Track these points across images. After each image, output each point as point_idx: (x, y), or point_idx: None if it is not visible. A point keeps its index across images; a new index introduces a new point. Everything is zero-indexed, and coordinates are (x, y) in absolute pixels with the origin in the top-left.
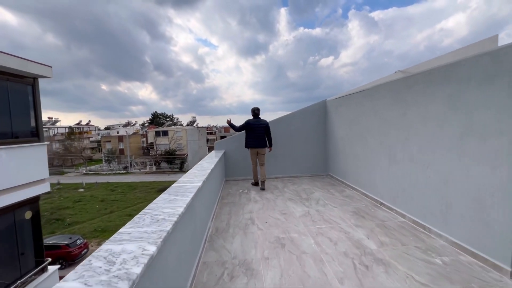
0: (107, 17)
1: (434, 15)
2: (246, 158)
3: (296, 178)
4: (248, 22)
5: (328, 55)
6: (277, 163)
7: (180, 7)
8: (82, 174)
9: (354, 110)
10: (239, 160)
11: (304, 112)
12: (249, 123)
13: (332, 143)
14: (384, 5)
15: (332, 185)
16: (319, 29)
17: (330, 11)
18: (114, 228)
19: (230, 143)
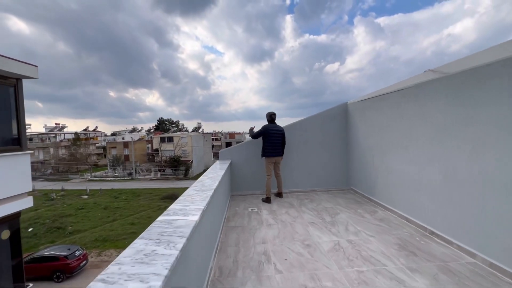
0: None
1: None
2: (255, 170)
3: (313, 193)
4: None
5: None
6: (291, 175)
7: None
8: (87, 181)
9: (388, 113)
10: (247, 172)
11: (322, 117)
12: (268, 129)
13: (355, 152)
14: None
15: (358, 203)
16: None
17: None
18: (115, 238)
19: (237, 152)
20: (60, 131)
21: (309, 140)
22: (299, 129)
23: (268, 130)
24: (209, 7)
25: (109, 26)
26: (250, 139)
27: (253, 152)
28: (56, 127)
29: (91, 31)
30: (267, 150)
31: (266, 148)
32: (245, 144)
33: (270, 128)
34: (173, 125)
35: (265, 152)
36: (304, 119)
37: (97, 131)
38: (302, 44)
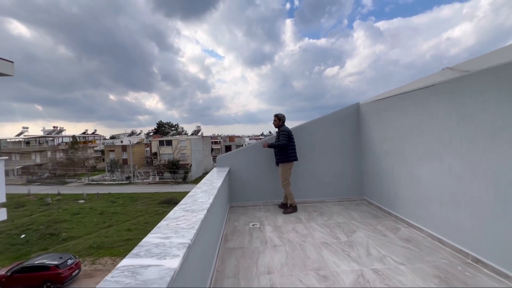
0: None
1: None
2: (256, 178)
3: (322, 204)
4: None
5: (333, 65)
6: (297, 184)
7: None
8: (84, 185)
9: (412, 114)
10: (248, 180)
11: (331, 119)
12: (290, 131)
13: (370, 159)
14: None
15: (375, 217)
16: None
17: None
18: (110, 245)
19: (236, 158)
20: (58, 135)
21: (316, 145)
22: (306, 132)
23: (290, 133)
24: (210, 11)
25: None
26: (249, 143)
27: (254, 158)
28: (54, 130)
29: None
30: (291, 154)
31: (290, 152)
32: (245, 149)
33: (290, 130)
34: (173, 128)
35: (289, 156)
36: (310, 121)
37: (96, 135)
38: (302, 48)
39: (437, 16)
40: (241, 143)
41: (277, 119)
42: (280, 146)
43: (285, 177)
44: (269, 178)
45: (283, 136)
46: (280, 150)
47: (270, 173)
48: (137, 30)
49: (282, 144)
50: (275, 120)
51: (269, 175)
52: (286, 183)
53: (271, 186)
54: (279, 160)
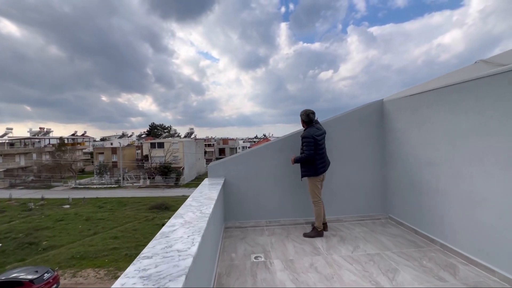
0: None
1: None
2: (259, 191)
3: (339, 225)
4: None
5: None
6: (307, 198)
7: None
8: (71, 188)
9: (476, 111)
10: (248, 195)
11: (348, 119)
12: (314, 136)
13: (398, 168)
14: (382, 21)
15: (413, 244)
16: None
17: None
18: (94, 255)
19: (234, 166)
20: (45, 136)
21: (331, 150)
22: None
23: (315, 139)
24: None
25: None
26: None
27: (256, 165)
28: (41, 131)
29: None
30: (319, 165)
31: (318, 162)
32: (245, 155)
33: (316, 134)
34: (165, 130)
35: (317, 169)
36: (323, 122)
37: (86, 136)
38: (297, 52)
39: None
40: (235, 146)
41: (301, 120)
42: (306, 160)
43: (315, 193)
44: (275, 192)
45: (306, 145)
46: (306, 162)
47: (275, 185)
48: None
49: (308, 157)
50: (301, 120)
51: (274, 187)
52: (317, 199)
53: (276, 201)
54: (305, 173)
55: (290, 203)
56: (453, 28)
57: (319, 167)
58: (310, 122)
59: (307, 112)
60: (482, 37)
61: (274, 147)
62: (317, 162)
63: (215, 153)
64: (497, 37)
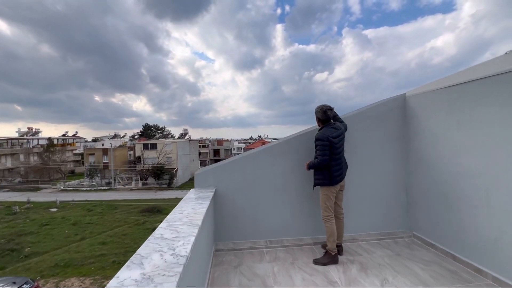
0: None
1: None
2: (257, 204)
3: (355, 245)
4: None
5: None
6: (315, 212)
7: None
8: (59, 191)
9: None
10: (244, 209)
11: (364, 118)
12: (331, 139)
13: (427, 176)
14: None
15: (454, 276)
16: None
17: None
18: (80, 262)
19: (227, 173)
20: (34, 136)
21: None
22: None
23: (331, 141)
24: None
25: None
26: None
27: (253, 173)
28: (29, 131)
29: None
30: (334, 173)
31: (333, 169)
32: (239, 160)
33: (333, 136)
34: (159, 131)
35: (332, 176)
36: None
37: (77, 137)
38: (293, 53)
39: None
40: (230, 147)
41: (316, 118)
42: (319, 166)
43: (327, 207)
44: (277, 205)
45: (320, 149)
46: (320, 168)
47: (277, 197)
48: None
49: (321, 163)
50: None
51: (276, 200)
52: (328, 214)
53: (278, 217)
54: (318, 181)
55: (296, 219)
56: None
57: (335, 174)
58: (327, 120)
59: (324, 108)
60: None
61: (276, 150)
62: (332, 168)
63: (209, 154)
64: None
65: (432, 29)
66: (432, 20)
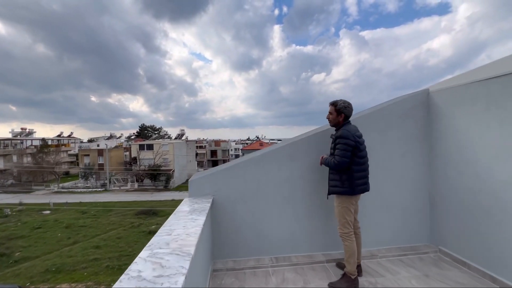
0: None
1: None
2: (262, 215)
3: (374, 263)
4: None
5: (320, 72)
6: (327, 225)
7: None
8: (53, 193)
9: None
10: (246, 221)
11: (381, 117)
12: (356, 138)
13: (456, 183)
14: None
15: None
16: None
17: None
18: (72, 267)
19: (225, 180)
20: (27, 137)
21: None
22: None
23: (357, 140)
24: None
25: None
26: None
27: (256, 180)
28: (22, 132)
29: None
30: (359, 180)
31: (356, 175)
32: (240, 165)
33: (358, 135)
34: (156, 132)
35: (353, 184)
36: None
37: (72, 137)
38: (290, 54)
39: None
40: (227, 148)
41: (333, 110)
42: (336, 168)
43: (346, 221)
44: (283, 216)
45: (341, 147)
46: (338, 172)
47: (284, 207)
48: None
49: (340, 164)
50: (331, 113)
51: (283, 210)
52: (348, 231)
53: (286, 230)
54: (335, 188)
55: (305, 233)
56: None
57: (358, 182)
58: (348, 117)
59: (344, 104)
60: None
61: (283, 153)
62: (354, 174)
63: (206, 155)
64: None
65: (428, 31)
66: (428, 22)
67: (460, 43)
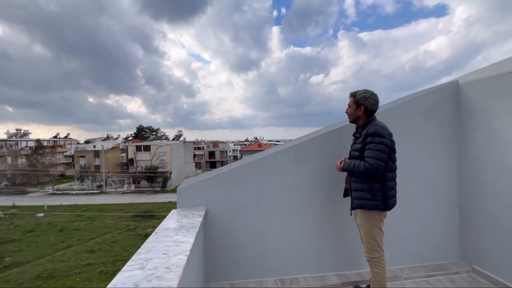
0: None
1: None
2: (262, 230)
3: (394, 284)
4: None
5: (318, 73)
6: (341, 240)
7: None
8: (48, 195)
9: None
10: (246, 236)
11: (402, 113)
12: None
13: (493, 192)
14: (371, 27)
15: None
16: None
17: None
18: (64, 273)
19: (220, 188)
20: (22, 138)
21: None
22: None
23: (392, 139)
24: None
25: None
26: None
27: (257, 187)
28: (17, 133)
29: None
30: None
31: (388, 185)
32: (238, 170)
33: (391, 133)
34: (154, 132)
35: (386, 196)
36: None
37: (68, 139)
38: (289, 55)
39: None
40: (225, 149)
41: (352, 102)
42: (367, 174)
43: (377, 243)
44: (289, 230)
45: (375, 147)
46: (368, 180)
47: (291, 220)
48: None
49: (375, 169)
50: (349, 105)
51: (289, 223)
52: (379, 255)
53: (293, 247)
54: (363, 202)
55: (316, 250)
56: (439, 35)
57: (391, 193)
58: (374, 112)
59: (369, 92)
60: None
61: (288, 156)
62: (388, 183)
63: (204, 156)
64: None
65: (426, 33)
66: (425, 24)
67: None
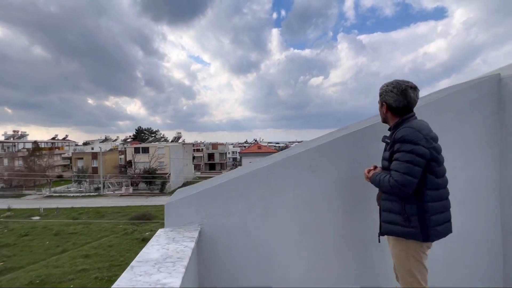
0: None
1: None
2: (269, 253)
3: None
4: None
5: (318, 75)
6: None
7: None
8: (44, 197)
9: None
10: (250, 259)
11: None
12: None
13: None
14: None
15: None
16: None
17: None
18: (58, 279)
19: (217, 203)
20: (19, 140)
21: None
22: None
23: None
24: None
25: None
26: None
27: (262, 201)
28: (15, 134)
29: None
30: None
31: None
32: (239, 180)
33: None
34: (153, 134)
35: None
36: None
37: (67, 140)
38: (288, 58)
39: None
40: (225, 151)
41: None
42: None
43: (412, 278)
44: (302, 253)
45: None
46: (398, 200)
47: (304, 240)
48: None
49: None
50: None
51: (301, 244)
52: None
53: (307, 274)
54: (391, 226)
55: (335, 279)
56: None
57: (436, 219)
58: (406, 108)
59: (402, 85)
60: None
61: (301, 163)
62: (429, 205)
63: (203, 158)
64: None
65: (425, 35)
66: (424, 27)
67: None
